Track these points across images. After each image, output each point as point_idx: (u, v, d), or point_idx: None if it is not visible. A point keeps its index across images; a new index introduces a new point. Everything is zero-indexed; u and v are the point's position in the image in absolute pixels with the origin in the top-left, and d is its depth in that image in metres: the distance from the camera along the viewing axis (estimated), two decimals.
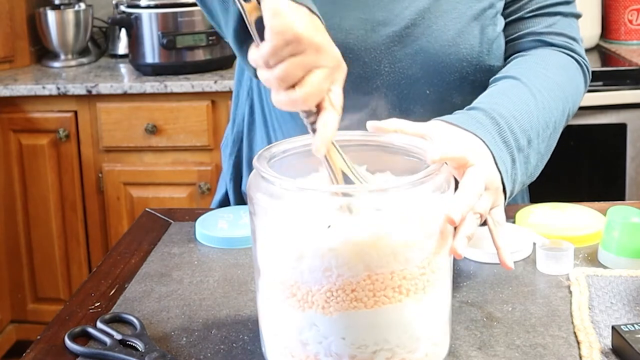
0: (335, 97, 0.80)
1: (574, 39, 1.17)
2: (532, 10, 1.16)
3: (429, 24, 1.10)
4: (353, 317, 0.74)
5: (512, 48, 1.17)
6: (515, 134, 0.98)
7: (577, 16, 1.20)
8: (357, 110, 1.12)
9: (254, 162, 0.79)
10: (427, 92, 1.11)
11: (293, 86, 0.78)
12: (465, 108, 1.01)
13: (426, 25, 1.10)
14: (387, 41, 1.09)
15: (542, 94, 1.06)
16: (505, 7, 1.17)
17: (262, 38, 0.78)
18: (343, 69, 0.83)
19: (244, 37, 0.96)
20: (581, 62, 1.17)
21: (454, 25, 1.10)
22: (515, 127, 0.99)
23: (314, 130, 0.80)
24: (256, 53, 0.79)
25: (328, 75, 0.80)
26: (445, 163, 0.80)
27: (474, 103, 1.03)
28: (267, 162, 0.80)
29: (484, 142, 0.94)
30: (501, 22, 1.16)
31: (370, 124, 0.87)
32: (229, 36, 1.02)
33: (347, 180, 0.80)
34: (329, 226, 0.73)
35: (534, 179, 1.04)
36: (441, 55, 1.10)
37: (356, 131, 0.87)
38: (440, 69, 1.10)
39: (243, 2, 0.78)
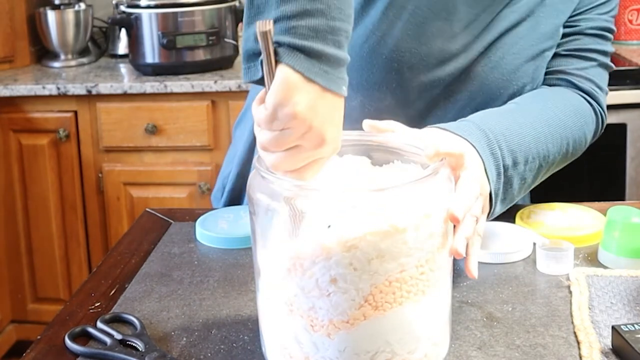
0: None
1: (600, 88, 1.16)
2: (569, 50, 1.16)
3: (490, 55, 1.11)
4: (386, 318, 0.74)
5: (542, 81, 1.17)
6: (502, 151, 0.98)
7: (610, 68, 1.19)
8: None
9: (254, 162, 0.79)
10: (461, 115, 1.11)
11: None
12: (457, 120, 1.02)
13: (487, 55, 1.11)
14: (454, 73, 1.10)
15: (541, 124, 1.05)
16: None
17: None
18: (333, 151, 0.79)
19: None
20: (598, 112, 1.16)
21: (512, 61, 1.11)
22: (503, 144, 0.98)
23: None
24: (255, 109, 0.77)
25: (308, 157, 0.76)
26: (443, 160, 0.80)
27: (469, 117, 1.03)
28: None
29: (475, 148, 0.95)
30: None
31: (366, 122, 0.87)
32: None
33: None
34: (329, 226, 0.73)
35: (511, 204, 1.02)
36: (492, 86, 1.11)
37: (353, 131, 0.86)
38: (488, 100, 1.11)
39: (271, 55, 0.74)
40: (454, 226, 0.80)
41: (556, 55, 1.16)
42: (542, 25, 1.12)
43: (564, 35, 1.15)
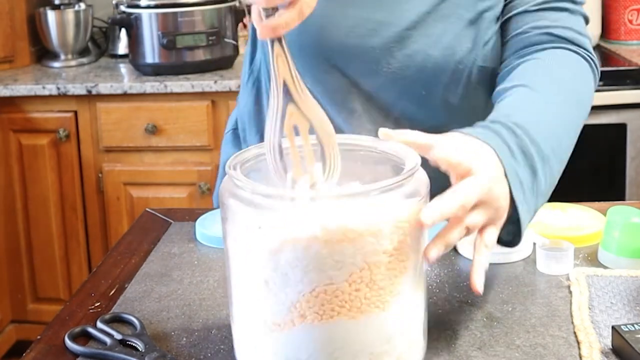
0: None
1: (582, 34, 1.15)
2: (538, 4, 1.14)
3: (428, 27, 1.10)
4: (318, 329, 0.74)
5: (519, 42, 1.15)
6: (537, 144, 0.92)
7: (585, 17, 1.18)
8: (352, 109, 1.13)
9: (227, 167, 0.78)
10: (423, 92, 1.12)
11: None
12: (486, 120, 0.96)
13: (425, 28, 1.10)
14: (386, 42, 1.10)
15: (558, 99, 1.03)
16: (509, 1, 1.16)
17: None
18: None
19: None
20: (590, 60, 1.14)
21: (452, 29, 1.11)
22: (535, 136, 0.93)
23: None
24: None
25: None
26: (405, 178, 0.77)
27: (490, 116, 0.98)
28: (241, 167, 0.79)
29: (495, 152, 0.87)
30: (497, 24, 1.15)
31: (382, 131, 0.85)
32: None
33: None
34: (260, 227, 0.73)
35: (553, 186, 0.97)
36: (438, 57, 1.11)
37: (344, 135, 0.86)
38: (436, 70, 1.11)
39: None
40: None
41: (527, 12, 1.14)
42: None
43: None
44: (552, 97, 1.03)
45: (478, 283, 0.81)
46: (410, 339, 0.78)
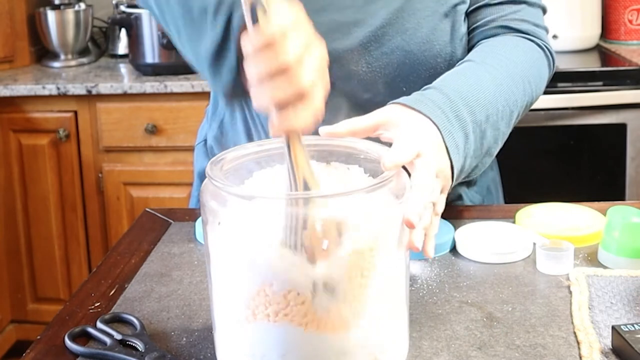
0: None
1: (538, 25, 1.18)
2: None
3: (403, 22, 1.11)
4: (296, 332, 0.73)
5: (477, 35, 1.18)
6: (471, 108, 1.00)
7: (543, 8, 1.21)
8: (335, 110, 1.13)
9: (207, 169, 0.78)
10: (404, 88, 1.12)
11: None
12: (422, 88, 1.03)
13: (400, 24, 1.11)
14: (363, 42, 1.11)
15: (499, 72, 1.07)
16: None
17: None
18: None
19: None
20: (544, 48, 1.18)
21: (427, 23, 1.12)
22: (471, 102, 1.00)
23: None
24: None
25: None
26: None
27: (432, 83, 1.04)
28: (221, 169, 0.79)
29: (434, 123, 0.95)
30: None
31: (322, 129, 0.88)
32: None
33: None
34: (219, 223, 0.73)
35: (492, 156, 1.06)
36: (416, 52, 1.12)
37: (312, 136, 0.85)
38: (415, 66, 1.12)
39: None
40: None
41: (487, 5, 1.17)
42: None
43: None
44: (493, 69, 1.08)
45: (430, 249, 0.88)
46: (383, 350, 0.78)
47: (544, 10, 1.22)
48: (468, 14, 1.17)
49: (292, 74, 0.74)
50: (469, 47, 1.17)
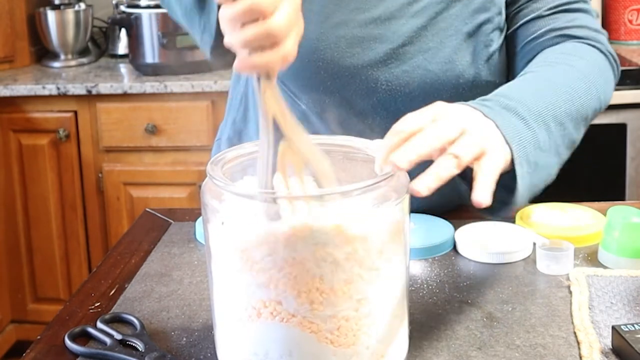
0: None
1: (598, 31, 1.14)
2: (551, 8, 1.13)
3: (426, 41, 1.09)
4: (287, 331, 0.73)
5: (536, 47, 1.14)
6: (528, 106, 0.91)
7: (596, 14, 1.18)
8: (352, 129, 1.12)
9: (207, 167, 0.78)
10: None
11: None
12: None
13: (422, 42, 1.09)
14: (384, 58, 1.09)
15: (561, 79, 1.02)
16: (521, 7, 1.15)
17: None
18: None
19: None
20: (607, 54, 1.13)
21: (449, 43, 1.10)
22: (529, 103, 0.92)
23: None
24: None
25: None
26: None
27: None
28: (222, 167, 0.79)
29: (483, 113, 0.87)
30: (500, 37, 1.14)
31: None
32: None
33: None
34: (222, 223, 0.74)
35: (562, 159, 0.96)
36: (437, 72, 1.09)
37: (321, 136, 0.85)
38: (436, 85, 1.09)
39: None
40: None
41: (540, 17, 1.13)
42: (475, 1, 1.11)
43: None
44: (554, 75, 1.01)
45: (482, 195, 0.77)
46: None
47: (596, 15, 1.17)
48: (516, 30, 1.14)
49: (263, 17, 0.73)
50: (529, 60, 1.12)
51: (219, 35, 0.92)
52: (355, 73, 1.09)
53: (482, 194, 0.77)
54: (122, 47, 2.92)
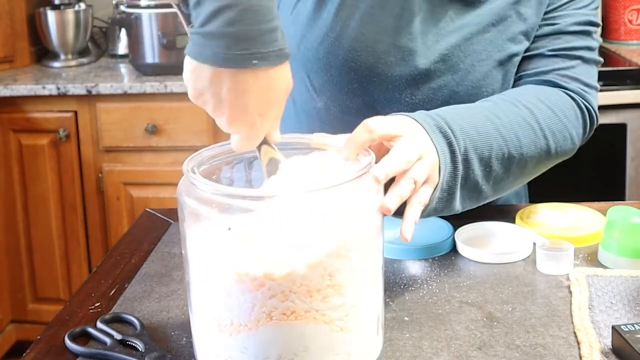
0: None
1: (588, 85, 1.13)
2: (554, 50, 1.13)
3: (457, 62, 1.09)
4: (272, 331, 0.74)
5: (522, 83, 1.14)
6: (454, 131, 0.94)
7: (598, 62, 1.16)
8: None
9: (183, 166, 0.78)
10: None
11: None
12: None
13: (454, 62, 1.09)
14: (414, 73, 1.09)
15: (505, 115, 1.01)
16: (532, 40, 1.14)
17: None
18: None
19: None
20: (584, 109, 1.11)
21: (480, 67, 1.10)
22: (454, 126, 0.94)
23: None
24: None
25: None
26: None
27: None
28: (199, 167, 0.80)
29: (422, 125, 0.92)
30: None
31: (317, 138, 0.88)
32: None
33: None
34: (229, 228, 0.73)
35: (484, 196, 0.98)
36: (463, 95, 1.10)
37: (288, 134, 0.87)
38: None
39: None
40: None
41: (541, 55, 1.13)
42: (510, 29, 1.11)
43: (546, 35, 1.13)
44: (499, 111, 1.01)
45: (407, 231, 0.84)
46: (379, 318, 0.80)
47: (598, 63, 1.16)
48: (521, 60, 1.14)
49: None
50: None
51: None
52: (384, 81, 1.10)
53: (407, 230, 0.84)
54: (122, 47, 2.92)
